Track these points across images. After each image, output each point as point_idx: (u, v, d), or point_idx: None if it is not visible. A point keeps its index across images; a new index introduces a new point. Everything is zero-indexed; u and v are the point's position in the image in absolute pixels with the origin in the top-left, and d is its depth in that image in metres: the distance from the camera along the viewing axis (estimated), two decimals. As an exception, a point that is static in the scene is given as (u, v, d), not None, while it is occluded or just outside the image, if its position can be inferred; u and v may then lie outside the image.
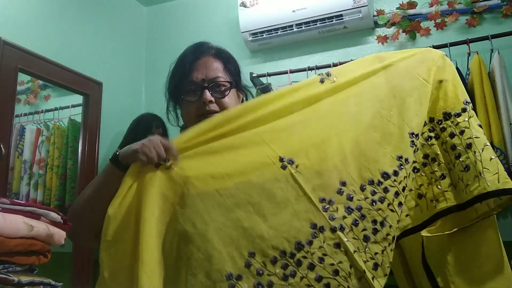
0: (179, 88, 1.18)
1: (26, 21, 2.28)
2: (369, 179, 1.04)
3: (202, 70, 1.17)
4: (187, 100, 1.16)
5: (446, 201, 1.12)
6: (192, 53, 1.20)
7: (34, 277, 1.14)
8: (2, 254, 1.07)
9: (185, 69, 1.17)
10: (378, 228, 1.00)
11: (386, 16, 2.61)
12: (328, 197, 1.00)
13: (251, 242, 0.95)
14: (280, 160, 1.01)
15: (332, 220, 0.98)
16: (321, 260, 0.95)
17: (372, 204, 1.02)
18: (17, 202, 1.15)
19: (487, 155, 1.11)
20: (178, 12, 3.23)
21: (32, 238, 1.15)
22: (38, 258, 1.20)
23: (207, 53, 1.21)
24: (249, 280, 0.92)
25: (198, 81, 1.16)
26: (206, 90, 1.15)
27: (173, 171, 0.98)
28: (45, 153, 2.45)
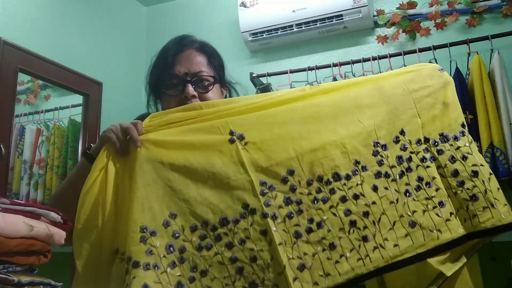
0: (160, 82, 1.15)
1: (26, 21, 2.28)
2: (319, 175, 0.98)
3: (185, 64, 1.14)
4: (168, 94, 1.13)
5: (450, 232, 1.00)
6: (175, 46, 1.17)
7: (34, 277, 1.14)
8: (2, 254, 1.07)
9: (167, 62, 1.14)
10: (313, 228, 0.94)
11: (386, 16, 2.61)
12: (270, 182, 0.95)
13: (176, 203, 0.93)
14: (230, 133, 0.98)
15: (267, 206, 0.93)
16: (242, 242, 0.91)
17: (314, 202, 0.96)
18: (17, 202, 1.15)
19: (495, 185, 1.06)
20: (178, 12, 3.23)
21: (32, 238, 1.15)
22: (38, 258, 1.20)
23: (191, 47, 1.18)
24: (163, 239, 0.91)
25: (180, 74, 1.13)
26: (189, 84, 1.12)
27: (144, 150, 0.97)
28: (45, 153, 2.45)
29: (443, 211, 1.02)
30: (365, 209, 0.97)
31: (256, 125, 1.00)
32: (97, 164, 0.96)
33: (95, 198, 0.95)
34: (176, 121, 1.00)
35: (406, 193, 1.01)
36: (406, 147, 1.05)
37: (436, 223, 1.00)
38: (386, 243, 0.96)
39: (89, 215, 0.94)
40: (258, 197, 0.94)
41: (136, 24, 3.23)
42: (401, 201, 1.00)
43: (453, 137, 1.09)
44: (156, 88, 1.19)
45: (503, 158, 2.02)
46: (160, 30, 3.25)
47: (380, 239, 0.96)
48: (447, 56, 2.29)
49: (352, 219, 0.96)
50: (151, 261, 0.88)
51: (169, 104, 1.14)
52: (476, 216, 1.01)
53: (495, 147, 2.04)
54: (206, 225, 0.93)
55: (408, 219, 0.99)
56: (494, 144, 2.05)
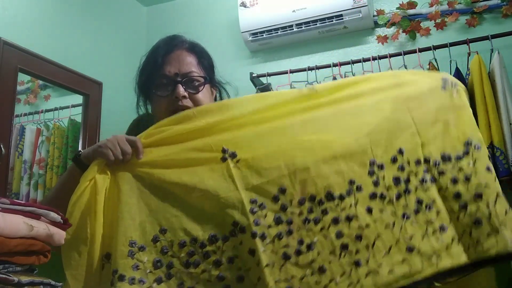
0: (150, 82, 1.13)
1: (26, 21, 2.28)
2: (312, 194, 0.94)
3: (175, 64, 1.12)
4: (158, 94, 1.12)
5: (451, 259, 0.93)
6: (165, 46, 1.16)
7: (34, 277, 1.14)
8: (2, 254, 1.07)
9: (157, 62, 1.13)
10: (302, 250, 0.90)
11: (386, 16, 2.61)
12: (260, 200, 0.93)
13: (166, 219, 0.93)
14: (222, 151, 0.97)
15: (256, 225, 0.91)
16: (230, 260, 0.90)
17: (305, 223, 0.92)
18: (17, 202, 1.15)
19: (502, 208, 0.97)
20: (178, 12, 3.23)
21: (32, 238, 1.15)
22: (38, 258, 1.20)
23: (181, 47, 1.17)
24: (151, 254, 0.91)
25: (170, 75, 1.12)
26: (179, 85, 1.11)
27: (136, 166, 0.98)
28: (45, 153, 2.45)
29: (444, 236, 0.94)
30: (358, 232, 0.92)
31: (249, 141, 0.99)
32: (87, 175, 0.97)
33: (83, 209, 0.95)
34: (171, 136, 1.00)
35: (403, 216, 0.95)
36: (404, 167, 0.99)
37: (436, 249, 0.93)
38: (380, 269, 0.90)
39: (77, 225, 0.95)
40: (248, 215, 0.92)
41: (136, 24, 3.23)
42: (398, 225, 0.94)
43: (456, 157, 1.01)
44: (145, 89, 1.18)
45: (503, 158, 2.02)
46: (160, 30, 3.24)
47: (374, 264, 0.91)
48: (447, 56, 2.29)
49: (343, 243, 0.92)
50: (137, 275, 0.89)
51: (159, 105, 1.13)
52: (479, 243, 0.94)
53: (495, 147, 2.04)
54: (195, 242, 0.92)
55: (406, 244, 0.93)
56: (494, 144, 2.05)
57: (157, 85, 1.13)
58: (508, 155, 2.03)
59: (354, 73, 2.46)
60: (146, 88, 1.17)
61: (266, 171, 0.95)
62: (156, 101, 1.15)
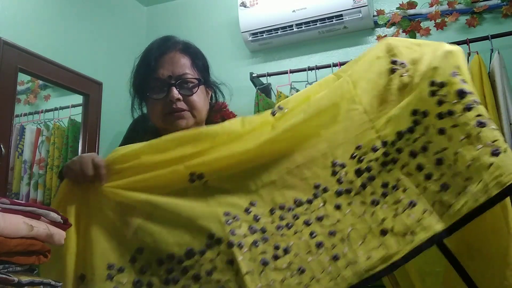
0: (144, 85, 1.13)
1: (26, 21, 2.28)
2: (281, 204, 0.98)
3: (169, 67, 1.12)
4: (153, 97, 1.12)
5: (426, 231, 0.92)
6: (158, 48, 1.15)
7: (34, 277, 1.14)
8: (2, 254, 1.07)
9: (151, 65, 1.12)
10: (279, 254, 0.93)
11: (386, 16, 2.61)
12: (234, 212, 0.96)
13: (142, 238, 0.94)
14: (190, 175, 0.98)
15: (232, 235, 0.93)
16: (209, 273, 0.91)
17: (278, 229, 0.95)
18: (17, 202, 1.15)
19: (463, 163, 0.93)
20: (178, 12, 3.23)
21: (32, 238, 1.15)
22: (38, 258, 1.20)
23: (174, 48, 1.16)
24: (130, 275, 0.92)
25: (164, 77, 1.11)
26: (173, 88, 1.10)
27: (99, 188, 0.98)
28: (45, 153, 2.45)
29: (415, 210, 0.94)
30: (331, 228, 0.95)
31: (215, 163, 1.00)
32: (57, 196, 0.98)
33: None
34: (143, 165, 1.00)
35: (372, 202, 0.96)
36: (362, 158, 1.01)
37: (409, 225, 0.93)
38: (358, 258, 0.92)
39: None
40: (224, 226, 0.94)
41: (136, 24, 3.23)
42: (369, 212, 0.96)
43: (408, 130, 1.00)
44: (140, 91, 1.17)
45: (503, 158, 2.02)
46: (160, 30, 3.25)
47: (352, 255, 0.92)
48: (447, 56, 2.29)
49: (318, 241, 0.94)
50: None
51: (154, 108, 1.13)
52: (451, 207, 0.91)
53: (495, 147, 2.04)
54: (172, 258, 0.93)
55: (379, 229, 0.94)
56: (494, 144, 2.05)
57: (151, 88, 1.13)
58: (508, 155, 2.03)
59: (354, 73, 2.46)
60: (140, 90, 1.17)
61: (234, 190, 0.98)
62: (150, 104, 1.15)
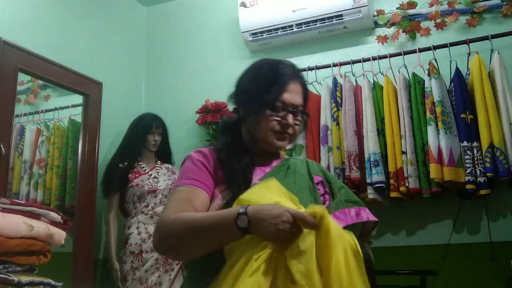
0: (267, 99, 1.19)
1: (26, 21, 2.28)
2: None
3: (293, 96, 1.20)
4: (273, 115, 1.18)
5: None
6: (290, 73, 1.23)
7: (34, 277, 1.14)
8: (2, 254, 1.08)
9: (281, 87, 1.20)
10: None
11: (386, 16, 2.61)
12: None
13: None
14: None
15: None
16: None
17: None
18: (17, 202, 1.15)
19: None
20: (178, 12, 3.23)
21: (32, 238, 1.15)
22: (38, 258, 1.20)
23: (300, 79, 1.25)
24: None
25: (287, 103, 1.19)
26: (291, 115, 1.19)
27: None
28: (45, 153, 2.45)
29: None
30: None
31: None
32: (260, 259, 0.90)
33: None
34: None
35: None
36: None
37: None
38: None
39: None
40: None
41: (136, 24, 3.23)
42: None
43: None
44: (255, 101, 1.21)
45: (503, 158, 2.02)
46: (160, 30, 3.25)
47: None
48: (447, 56, 2.29)
49: None
50: None
51: (267, 123, 1.19)
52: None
53: (495, 147, 2.04)
54: None
55: None
56: (494, 144, 2.05)
57: (272, 107, 1.19)
58: (508, 155, 2.03)
59: (354, 73, 2.47)
60: (257, 101, 1.21)
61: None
62: (265, 118, 1.20)
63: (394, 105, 2.28)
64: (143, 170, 2.52)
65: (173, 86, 3.11)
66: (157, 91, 3.15)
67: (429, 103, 2.19)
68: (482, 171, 2.06)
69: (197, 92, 2.96)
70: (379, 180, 2.19)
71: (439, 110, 2.15)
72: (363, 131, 2.31)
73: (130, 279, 2.30)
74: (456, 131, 2.16)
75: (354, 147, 2.30)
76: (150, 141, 2.55)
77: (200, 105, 2.84)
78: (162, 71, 3.17)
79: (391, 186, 2.19)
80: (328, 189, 1.25)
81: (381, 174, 2.19)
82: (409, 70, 2.35)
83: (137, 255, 2.32)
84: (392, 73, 2.38)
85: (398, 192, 2.19)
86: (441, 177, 2.09)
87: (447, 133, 2.13)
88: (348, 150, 2.29)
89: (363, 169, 2.27)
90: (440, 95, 2.17)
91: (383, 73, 2.39)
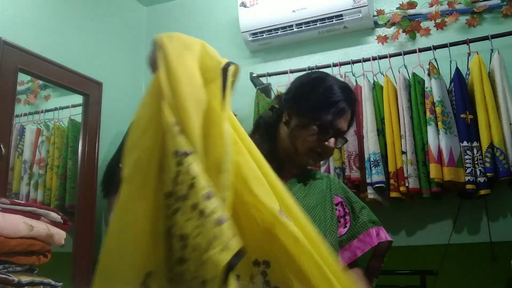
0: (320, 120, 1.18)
1: (26, 21, 2.28)
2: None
3: (343, 123, 1.21)
4: (320, 136, 1.18)
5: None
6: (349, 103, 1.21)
7: (34, 277, 1.14)
8: (2, 254, 1.08)
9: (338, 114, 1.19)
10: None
11: (386, 16, 2.61)
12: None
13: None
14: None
15: None
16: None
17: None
18: (17, 202, 1.16)
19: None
20: (178, 12, 3.23)
21: (32, 238, 1.15)
22: (38, 258, 1.20)
23: (352, 107, 1.24)
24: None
25: (335, 127, 1.19)
26: (333, 139, 1.20)
27: None
28: (45, 153, 2.45)
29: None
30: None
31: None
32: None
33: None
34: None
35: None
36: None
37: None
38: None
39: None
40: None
41: (136, 24, 3.23)
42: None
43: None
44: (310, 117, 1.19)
45: (503, 158, 2.02)
46: (160, 30, 3.24)
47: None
48: (447, 56, 2.29)
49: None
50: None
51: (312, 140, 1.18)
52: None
53: (495, 147, 2.04)
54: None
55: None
56: (494, 144, 2.05)
57: (320, 126, 1.18)
58: (508, 155, 2.03)
59: (354, 73, 2.47)
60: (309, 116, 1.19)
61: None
62: (310, 134, 1.19)
63: (394, 105, 2.28)
64: (143, 170, 2.52)
65: (173, 86, 3.11)
66: (157, 91, 3.14)
67: (429, 103, 2.19)
68: (482, 171, 2.06)
69: (197, 92, 2.96)
70: (379, 180, 2.19)
71: (439, 110, 2.15)
72: (363, 131, 2.31)
73: (130, 279, 2.30)
74: (456, 131, 2.16)
75: (354, 147, 2.30)
76: (150, 141, 2.55)
77: (200, 105, 2.84)
78: (162, 71, 3.17)
79: (391, 186, 2.19)
80: (348, 209, 1.25)
81: (381, 174, 2.19)
82: (409, 70, 2.35)
83: (137, 255, 2.32)
84: (392, 73, 2.38)
85: (398, 192, 2.19)
86: (441, 177, 2.09)
87: (447, 133, 2.13)
88: (348, 150, 2.29)
89: (363, 169, 2.27)
90: (440, 95, 2.17)
91: (383, 73, 2.39)
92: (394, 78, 2.36)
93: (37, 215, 1.16)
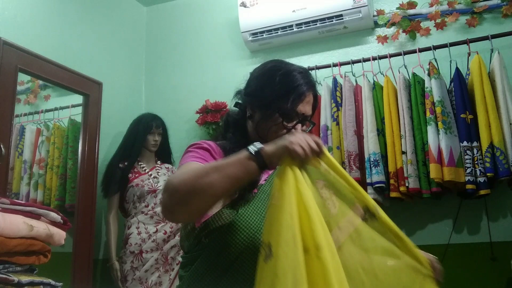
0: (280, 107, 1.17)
1: (26, 21, 2.28)
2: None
3: (306, 106, 1.20)
4: (285, 124, 1.18)
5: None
6: (307, 86, 1.21)
7: (34, 277, 1.14)
8: (2, 254, 1.08)
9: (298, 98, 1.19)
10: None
11: (386, 16, 2.61)
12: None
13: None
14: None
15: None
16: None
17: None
18: (17, 202, 1.15)
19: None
20: (178, 12, 3.23)
21: (32, 238, 1.15)
22: (38, 258, 1.20)
23: (313, 90, 1.24)
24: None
25: (299, 113, 1.19)
26: (300, 124, 1.19)
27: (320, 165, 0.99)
28: (45, 153, 2.45)
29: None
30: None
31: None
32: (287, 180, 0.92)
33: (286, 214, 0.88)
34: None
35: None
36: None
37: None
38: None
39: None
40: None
41: (136, 24, 3.23)
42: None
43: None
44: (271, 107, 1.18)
45: (503, 158, 2.02)
46: (160, 30, 3.25)
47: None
48: (447, 56, 2.29)
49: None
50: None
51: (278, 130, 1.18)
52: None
53: (495, 147, 2.04)
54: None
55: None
56: (494, 144, 2.05)
57: (284, 114, 1.18)
58: (508, 155, 2.03)
59: (354, 73, 2.47)
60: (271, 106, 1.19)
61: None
62: (275, 124, 1.18)
63: (394, 105, 2.28)
64: (143, 170, 2.52)
65: (173, 86, 3.11)
66: (157, 91, 3.15)
67: (429, 103, 2.19)
68: (482, 171, 2.06)
69: (197, 92, 2.96)
70: (379, 180, 2.19)
71: (439, 110, 2.15)
72: (363, 131, 2.31)
73: (130, 279, 2.31)
74: (456, 131, 2.16)
75: (354, 147, 2.30)
76: (150, 141, 2.55)
77: (200, 105, 2.84)
78: (162, 71, 3.17)
79: (391, 186, 2.19)
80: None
81: (381, 174, 2.19)
82: (409, 70, 2.35)
83: (137, 255, 2.33)
84: (392, 73, 2.38)
85: (398, 192, 2.19)
86: (441, 177, 2.09)
87: (447, 133, 2.13)
88: (348, 150, 2.29)
89: (363, 169, 2.27)
90: (440, 95, 2.17)
91: (383, 73, 2.39)
92: (394, 78, 2.36)
93: (37, 215, 1.16)
